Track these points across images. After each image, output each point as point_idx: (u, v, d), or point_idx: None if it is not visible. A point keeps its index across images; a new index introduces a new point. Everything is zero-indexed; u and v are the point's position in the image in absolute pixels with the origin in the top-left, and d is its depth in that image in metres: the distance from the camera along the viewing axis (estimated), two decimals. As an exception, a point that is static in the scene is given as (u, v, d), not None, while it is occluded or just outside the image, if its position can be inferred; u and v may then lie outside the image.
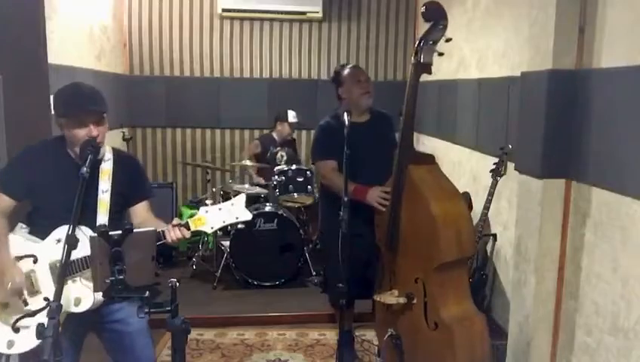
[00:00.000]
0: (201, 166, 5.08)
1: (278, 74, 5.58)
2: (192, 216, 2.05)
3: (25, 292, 1.99)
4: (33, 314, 1.93)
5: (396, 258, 2.44)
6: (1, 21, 2.76)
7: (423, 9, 2.23)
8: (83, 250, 1.85)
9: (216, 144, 5.62)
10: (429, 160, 2.44)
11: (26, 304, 2.00)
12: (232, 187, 4.66)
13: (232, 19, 5.43)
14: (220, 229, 2.10)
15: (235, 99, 5.49)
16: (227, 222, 2.03)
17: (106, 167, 2.13)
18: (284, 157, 4.95)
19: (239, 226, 4.21)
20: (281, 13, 5.35)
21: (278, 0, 5.28)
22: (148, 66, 5.41)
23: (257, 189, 4.62)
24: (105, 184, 2.10)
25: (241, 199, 2.06)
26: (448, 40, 2.22)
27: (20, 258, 2.00)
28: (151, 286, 1.71)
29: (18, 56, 2.88)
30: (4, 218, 2.07)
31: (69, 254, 1.69)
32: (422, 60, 2.22)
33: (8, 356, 2.04)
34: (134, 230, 1.65)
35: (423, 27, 5.78)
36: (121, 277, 1.58)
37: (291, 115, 4.97)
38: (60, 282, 1.65)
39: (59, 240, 2.00)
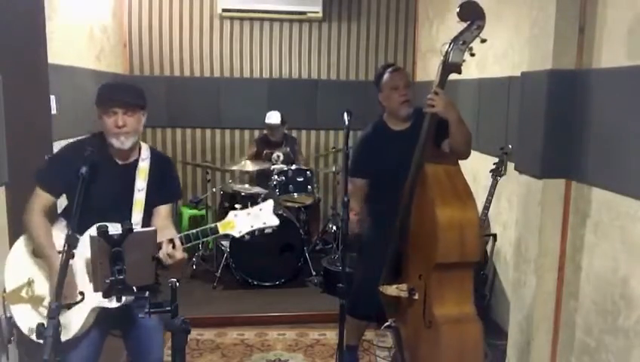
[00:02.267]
0: (201, 166, 5.08)
1: (278, 74, 5.58)
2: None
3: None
4: (68, 307, 1.94)
5: (407, 252, 2.47)
6: (1, 21, 2.76)
7: (457, 9, 2.14)
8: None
9: (217, 144, 5.62)
10: (450, 160, 2.37)
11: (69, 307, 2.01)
12: (232, 187, 4.66)
13: (232, 19, 5.43)
14: (247, 234, 2.07)
15: (235, 99, 5.49)
16: (255, 227, 2.02)
17: (144, 166, 2.16)
18: (281, 158, 4.95)
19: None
20: (281, 13, 5.35)
21: (278, 0, 5.28)
22: (148, 66, 5.41)
23: (257, 189, 4.62)
24: (141, 183, 2.13)
25: (269, 204, 2.05)
26: (483, 41, 2.15)
27: (58, 253, 2.03)
28: (151, 286, 1.71)
29: (18, 56, 2.88)
30: (46, 216, 2.09)
31: (69, 253, 1.69)
32: (450, 60, 2.17)
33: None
34: (134, 230, 1.66)
35: (423, 28, 5.72)
36: (121, 277, 1.58)
37: (267, 117, 4.92)
38: (60, 282, 1.65)
39: None
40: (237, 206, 3.45)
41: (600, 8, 2.34)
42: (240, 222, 2.01)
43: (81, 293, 1.95)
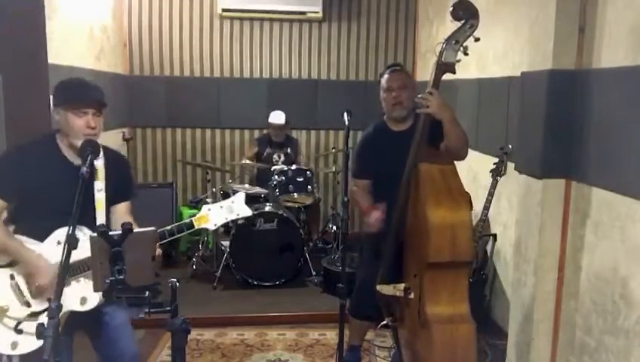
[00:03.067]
0: (201, 166, 5.09)
1: (278, 74, 5.58)
2: (192, 215, 2.11)
3: (27, 294, 2.01)
4: (36, 315, 1.93)
5: (404, 252, 2.48)
6: (1, 21, 2.76)
7: (450, 8, 2.17)
8: (84, 250, 1.85)
9: (216, 144, 5.62)
10: (446, 160, 2.37)
11: (29, 306, 2.01)
12: (231, 187, 4.66)
13: (232, 19, 5.43)
14: (222, 226, 2.19)
15: (235, 99, 5.49)
16: (229, 219, 2.13)
17: (99, 165, 2.12)
18: (281, 158, 4.95)
19: (239, 222, 4.21)
20: (281, 13, 5.35)
21: (278, 0, 5.28)
22: (148, 66, 5.41)
23: (257, 189, 4.62)
24: (99, 183, 2.10)
25: (241, 196, 2.16)
26: (477, 40, 2.16)
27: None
28: (151, 286, 1.71)
29: (18, 56, 2.88)
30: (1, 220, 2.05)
31: (69, 254, 1.69)
32: (444, 60, 2.19)
33: (10, 356, 2.04)
34: (134, 230, 1.65)
35: (423, 28, 5.72)
36: (121, 277, 1.58)
37: (272, 117, 4.92)
38: (60, 283, 1.65)
39: (59, 242, 2.00)
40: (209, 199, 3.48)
41: (600, 8, 2.34)
42: (214, 216, 2.10)
43: (49, 300, 1.93)
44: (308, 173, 4.59)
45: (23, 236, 2.05)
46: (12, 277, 2.03)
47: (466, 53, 2.19)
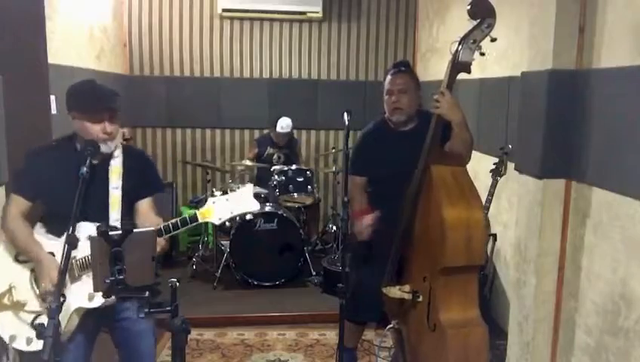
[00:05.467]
0: (201, 166, 5.09)
1: (278, 74, 5.58)
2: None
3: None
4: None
5: (410, 254, 2.45)
6: (1, 21, 2.76)
7: (468, 6, 2.11)
8: None
9: (217, 144, 5.62)
10: (457, 161, 2.34)
11: (45, 301, 2.02)
12: (232, 187, 4.66)
13: (232, 19, 5.43)
14: (228, 220, 2.07)
15: (235, 99, 5.49)
16: (235, 213, 2.00)
17: (116, 164, 2.15)
18: (281, 159, 4.95)
19: (239, 222, 4.21)
20: (281, 13, 5.36)
21: (278, 0, 5.28)
22: (148, 66, 5.41)
23: (257, 189, 4.62)
24: (116, 181, 2.12)
25: (249, 189, 2.03)
26: (493, 40, 2.11)
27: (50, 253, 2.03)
28: (151, 286, 1.71)
29: (18, 56, 2.88)
30: (25, 219, 2.09)
31: (69, 253, 1.70)
32: (460, 59, 2.13)
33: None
34: (134, 230, 1.65)
35: (423, 28, 5.71)
36: (121, 277, 1.58)
37: (279, 125, 4.91)
38: (59, 282, 1.65)
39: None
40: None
41: (600, 8, 2.34)
42: (219, 209, 1.99)
43: (63, 296, 1.95)
44: (308, 173, 4.59)
45: (48, 234, 2.09)
46: (33, 271, 2.05)
47: (482, 53, 2.13)
